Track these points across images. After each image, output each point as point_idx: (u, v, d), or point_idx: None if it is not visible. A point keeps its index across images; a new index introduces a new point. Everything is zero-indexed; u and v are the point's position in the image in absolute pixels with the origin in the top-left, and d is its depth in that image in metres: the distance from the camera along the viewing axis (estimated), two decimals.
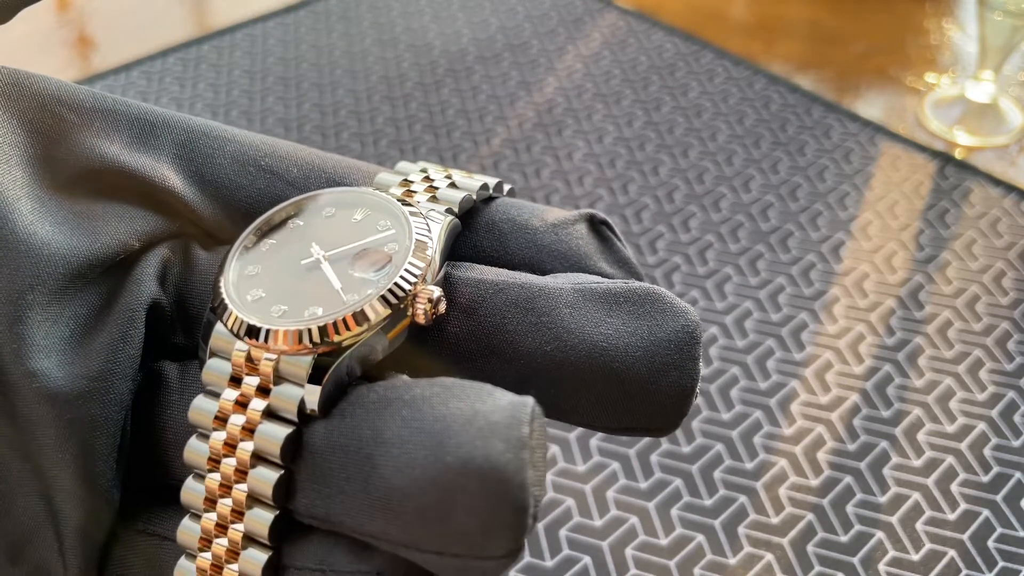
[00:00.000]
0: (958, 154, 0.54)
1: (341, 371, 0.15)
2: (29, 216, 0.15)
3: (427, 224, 0.16)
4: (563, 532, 0.35)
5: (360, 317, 0.15)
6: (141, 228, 0.17)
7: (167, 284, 0.17)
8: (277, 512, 0.14)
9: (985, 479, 0.37)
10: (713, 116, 0.58)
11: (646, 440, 0.38)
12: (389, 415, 0.14)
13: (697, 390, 0.16)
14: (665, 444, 0.38)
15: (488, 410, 0.13)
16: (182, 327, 0.17)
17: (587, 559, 0.34)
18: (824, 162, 0.54)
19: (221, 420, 0.15)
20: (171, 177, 0.17)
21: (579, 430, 0.39)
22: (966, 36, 0.66)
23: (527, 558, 0.34)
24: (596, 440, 0.38)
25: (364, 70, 0.63)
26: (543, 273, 0.17)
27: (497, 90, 0.61)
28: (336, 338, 0.14)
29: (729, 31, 0.67)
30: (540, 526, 0.35)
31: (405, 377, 0.15)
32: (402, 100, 0.60)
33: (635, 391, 0.15)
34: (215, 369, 0.15)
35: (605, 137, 0.56)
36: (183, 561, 0.15)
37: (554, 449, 0.38)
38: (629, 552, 0.34)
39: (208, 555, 0.14)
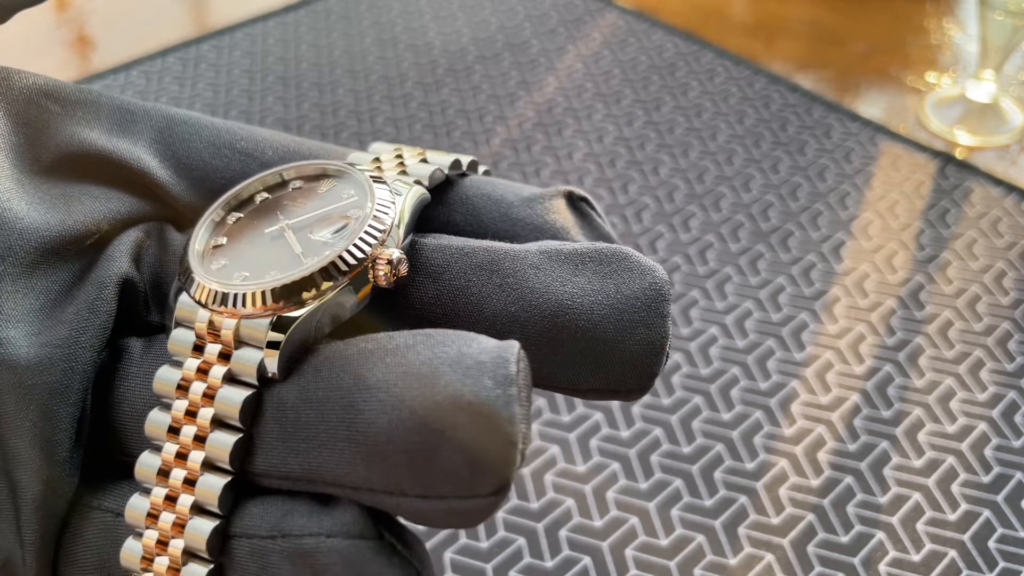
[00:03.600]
0: (959, 154, 0.54)
1: (306, 330, 0.15)
2: (4, 195, 0.16)
3: (390, 192, 0.16)
4: (563, 532, 0.35)
5: (317, 277, 0.15)
6: (116, 208, 0.17)
7: (142, 264, 0.17)
8: (229, 478, 0.14)
9: (986, 479, 0.37)
10: (713, 116, 0.58)
11: (646, 440, 0.38)
12: (372, 363, 0.14)
13: (667, 349, 0.15)
14: (665, 444, 0.38)
15: (475, 352, 0.13)
16: (157, 307, 0.17)
17: (587, 560, 0.34)
18: (824, 162, 0.54)
19: (184, 389, 0.15)
20: (147, 160, 0.17)
21: (579, 430, 0.38)
22: (967, 36, 0.65)
23: (527, 558, 0.34)
24: (596, 440, 0.38)
25: (364, 70, 0.63)
26: None
27: (497, 90, 0.61)
28: (294, 298, 0.14)
29: (729, 31, 0.67)
30: (540, 527, 0.35)
31: (378, 334, 0.15)
32: (402, 100, 0.60)
33: (602, 349, 0.15)
34: (179, 339, 0.15)
35: (605, 137, 0.56)
36: (129, 542, 0.15)
37: (554, 449, 0.38)
38: (629, 553, 0.34)
39: (154, 532, 0.14)
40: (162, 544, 0.14)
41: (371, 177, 0.16)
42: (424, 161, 0.17)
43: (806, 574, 0.34)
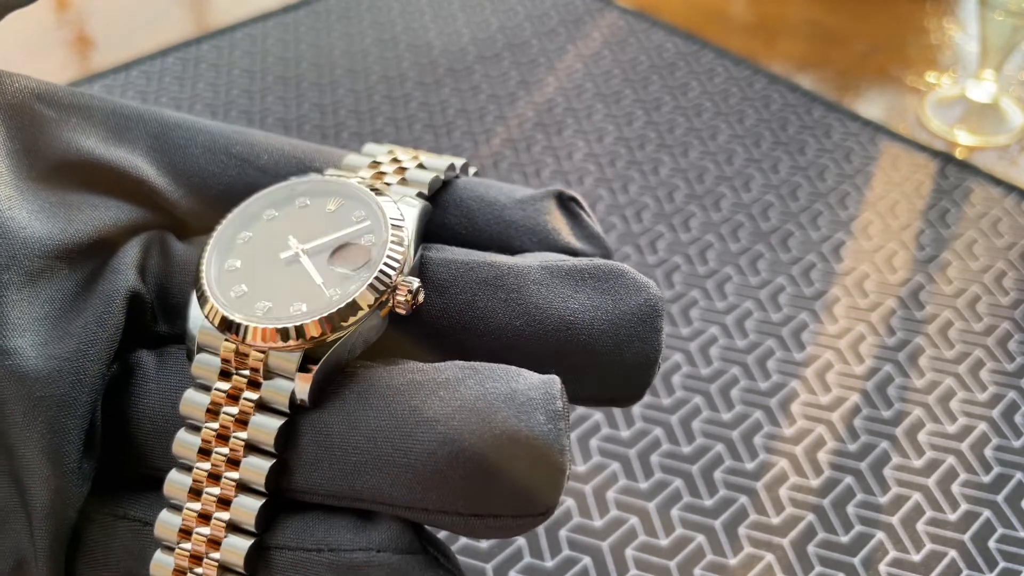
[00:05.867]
0: (959, 154, 0.54)
1: (339, 358, 0.15)
2: (7, 203, 0.16)
3: (400, 212, 0.16)
4: (563, 532, 0.35)
5: (343, 313, 0.15)
6: (115, 216, 0.17)
7: (147, 276, 0.17)
8: (264, 500, 0.15)
9: (986, 479, 0.37)
10: (713, 116, 0.58)
11: (646, 440, 0.38)
12: (425, 396, 0.15)
13: (660, 360, 0.16)
14: (665, 444, 0.38)
15: (523, 388, 0.14)
16: (163, 317, 0.17)
17: (587, 560, 0.34)
18: (825, 162, 0.54)
19: (213, 413, 0.15)
20: (144, 168, 0.18)
21: (580, 430, 0.38)
22: (967, 36, 0.65)
23: (527, 558, 0.34)
24: (596, 440, 0.38)
25: (364, 70, 0.63)
26: (511, 250, 0.17)
27: (497, 90, 0.61)
28: (320, 335, 0.15)
29: (729, 31, 0.67)
30: (540, 527, 0.35)
31: (420, 363, 0.15)
32: (402, 100, 0.60)
33: (602, 362, 0.16)
34: (205, 363, 0.15)
35: (605, 137, 0.56)
36: (159, 555, 0.15)
37: None
38: (629, 552, 0.34)
39: (187, 546, 0.15)
40: (195, 559, 0.15)
41: (375, 190, 0.17)
42: (421, 166, 0.18)
43: (806, 574, 0.34)
